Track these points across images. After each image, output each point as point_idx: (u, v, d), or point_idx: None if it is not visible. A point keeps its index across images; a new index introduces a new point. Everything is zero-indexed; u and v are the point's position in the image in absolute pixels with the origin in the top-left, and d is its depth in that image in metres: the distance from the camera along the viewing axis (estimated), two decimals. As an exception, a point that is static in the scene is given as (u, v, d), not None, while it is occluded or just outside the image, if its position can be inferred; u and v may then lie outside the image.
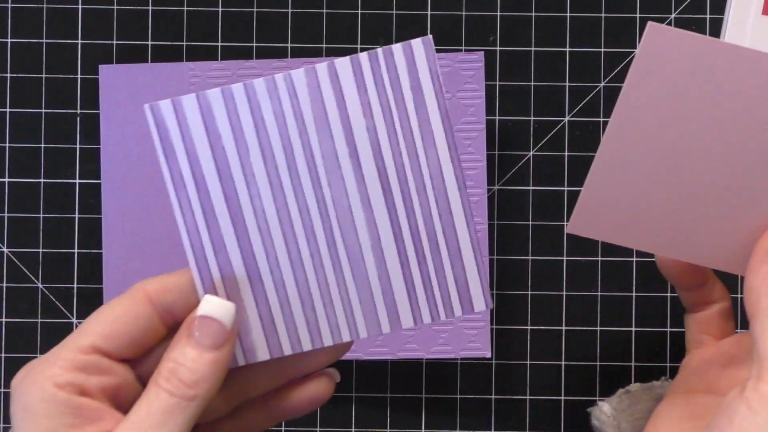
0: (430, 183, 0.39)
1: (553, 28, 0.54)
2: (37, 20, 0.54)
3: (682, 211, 0.41)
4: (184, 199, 0.38)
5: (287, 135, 0.38)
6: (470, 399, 0.54)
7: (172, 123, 0.38)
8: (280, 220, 0.39)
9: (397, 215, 0.39)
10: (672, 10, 0.54)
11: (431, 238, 0.39)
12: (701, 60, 0.38)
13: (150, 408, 0.37)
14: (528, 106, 0.54)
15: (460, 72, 0.53)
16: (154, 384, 0.37)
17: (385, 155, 0.38)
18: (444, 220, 0.39)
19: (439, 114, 0.38)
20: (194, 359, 0.37)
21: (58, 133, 0.54)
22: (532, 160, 0.54)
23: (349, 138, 0.38)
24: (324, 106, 0.38)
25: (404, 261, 0.39)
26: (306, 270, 0.39)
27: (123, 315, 0.38)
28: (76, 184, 0.54)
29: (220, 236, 0.39)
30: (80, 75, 0.54)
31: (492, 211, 0.54)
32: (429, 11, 0.54)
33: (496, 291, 0.54)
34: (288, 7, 0.54)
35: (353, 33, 0.54)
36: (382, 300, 0.39)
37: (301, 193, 0.38)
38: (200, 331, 0.38)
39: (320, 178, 0.38)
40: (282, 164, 0.38)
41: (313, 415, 0.54)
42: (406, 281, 0.39)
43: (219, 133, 0.38)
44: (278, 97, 0.38)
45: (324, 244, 0.39)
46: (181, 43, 0.54)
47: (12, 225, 0.54)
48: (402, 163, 0.38)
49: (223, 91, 0.38)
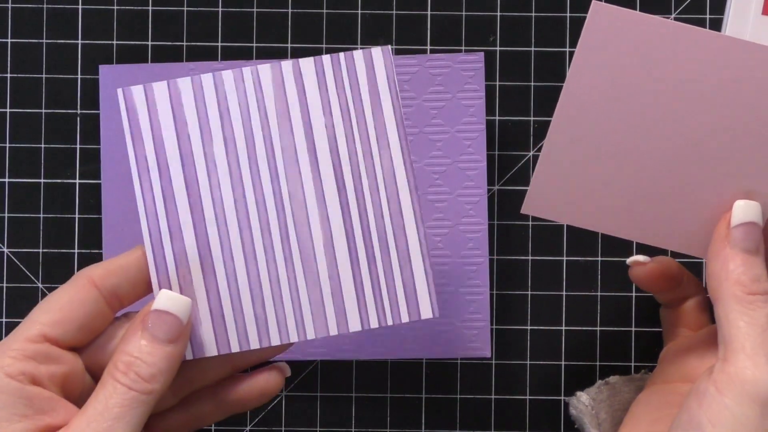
0: (383, 184, 0.40)
1: (553, 28, 0.54)
2: (37, 20, 0.54)
3: (636, 192, 0.40)
4: (147, 183, 0.39)
5: (250, 126, 0.39)
6: (470, 399, 0.54)
7: (142, 108, 0.39)
8: (237, 210, 0.39)
9: (350, 212, 0.40)
10: (672, 10, 0.54)
11: (381, 238, 0.40)
12: (645, 38, 0.38)
13: (108, 402, 0.37)
14: (528, 106, 0.54)
15: (460, 72, 0.53)
16: (111, 377, 0.37)
17: (341, 153, 0.40)
18: (395, 222, 0.40)
19: (395, 119, 0.40)
20: (151, 353, 0.38)
21: (58, 133, 0.54)
22: (532, 160, 0.54)
23: (309, 134, 0.39)
24: (287, 101, 0.39)
25: (354, 260, 0.40)
26: (258, 264, 0.40)
27: (69, 301, 0.39)
28: (76, 184, 0.54)
29: (177, 223, 0.39)
30: (80, 75, 0.54)
31: (492, 211, 0.54)
32: (429, 11, 0.54)
33: (496, 291, 0.54)
34: (288, 7, 0.54)
35: (353, 33, 0.54)
36: (332, 301, 0.40)
37: (259, 185, 0.39)
38: (156, 325, 0.38)
39: (278, 171, 0.39)
40: (243, 155, 0.39)
41: (313, 415, 0.54)
42: (356, 282, 0.40)
43: (185, 121, 0.39)
44: (244, 90, 0.39)
45: (278, 238, 0.40)
46: (181, 43, 0.54)
47: (12, 225, 0.54)
48: (357, 162, 0.40)
49: (193, 79, 0.39)
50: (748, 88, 0.38)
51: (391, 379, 0.54)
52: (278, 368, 0.43)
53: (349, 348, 0.53)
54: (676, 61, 0.38)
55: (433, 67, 0.53)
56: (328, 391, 0.54)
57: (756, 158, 0.39)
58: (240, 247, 0.40)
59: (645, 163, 0.40)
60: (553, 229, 0.54)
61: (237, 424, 0.54)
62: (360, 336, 0.53)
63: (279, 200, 0.39)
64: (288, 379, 0.54)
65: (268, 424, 0.54)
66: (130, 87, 0.39)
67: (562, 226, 0.54)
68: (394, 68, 0.40)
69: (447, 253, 0.53)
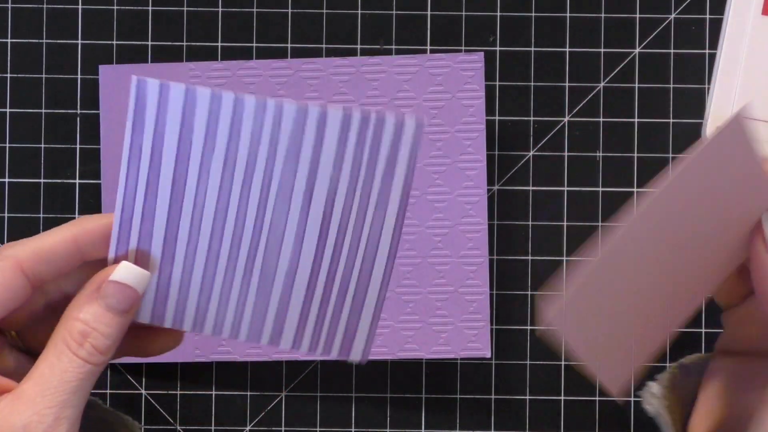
0: (364, 245, 0.40)
1: (553, 28, 0.54)
2: (37, 20, 0.54)
3: (651, 314, 0.38)
4: (134, 171, 0.39)
5: (255, 153, 0.39)
6: (470, 399, 0.54)
7: (152, 102, 0.39)
8: (215, 219, 0.39)
9: (322, 255, 0.40)
10: (672, 10, 0.54)
11: (342, 289, 0.40)
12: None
13: (64, 375, 0.37)
14: (528, 106, 0.54)
15: (460, 72, 0.53)
16: (67, 347, 0.37)
17: (336, 204, 0.39)
18: (361, 279, 0.40)
19: (401, 190, 0.39)
20: (107, 324, 0.37)
21: (58, 133, 0.54)
22: (532, 160, 0.54)
23: (311, 178, 0.39)
24: (301, 144, 0.39)
25: (311, 290, 0.40)
26: (218, 266, 0.40)
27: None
28: (76, 184, 0.54)
29: (153, 210, 0.39)
30: (80, 75, 0.54)
31: (492, 211, 0.54)
32: (429, 11, 0.54)
33: (496, 291, 0.54)
34: (288, 7, 0.54)
35: (353, 33, 0.54)
36: (274, 315, 0.40)
37: (244, 206, 0.39)
38: (114, 297, 0.38)
39: (268, 201, 0.39)
40: (239, 176, 0.39)
41: (313, 415, 0.54)
42: (303, 307, 0.40)
43: (192, 128, 0.39)
44: (262, 121, 0.38)
45: (244, 252, 0.40)
46: (181, 43, 0.54)
47: (12, 225, 0.54)
48: (348, 216, 0.39)
49: (213, 94, 0.38)
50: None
51: (391, 379, 0.54)
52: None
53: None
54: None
55: (433, 67, 0.53)
56: (328, 391, 0.54)
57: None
58: (205, 248, 0.40)
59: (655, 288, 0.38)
60: (553, 229, 0.54)
61: (237, 424, 0.54)
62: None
63: (259, 225, 0.39)
64: (288, 379, 0.54)
65: (268, 424, 0.54)
66: (146, 79, 0.38)
67: (562, 225, 0.54)
68: (420, 142, 0.39)
69: (447, 253, 0.53)
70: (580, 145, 0.54)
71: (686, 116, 0.54)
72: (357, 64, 0.53)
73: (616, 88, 0.54)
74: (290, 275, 0.40)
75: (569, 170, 0.54)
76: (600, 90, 0.54)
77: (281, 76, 0.53)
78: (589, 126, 0.54)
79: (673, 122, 0.54)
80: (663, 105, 0.54)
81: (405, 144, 0.39)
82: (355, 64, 0.53)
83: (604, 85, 0.54)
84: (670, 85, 0.54)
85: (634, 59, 0.54)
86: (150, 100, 0.38)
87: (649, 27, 0.54)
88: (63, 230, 0.39)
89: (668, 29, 0.54)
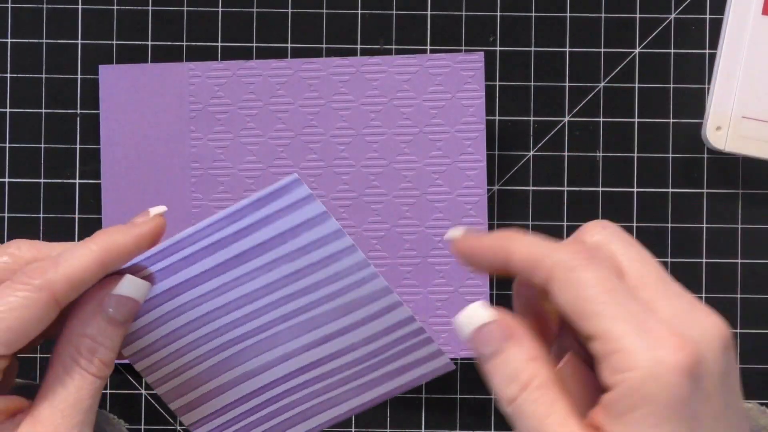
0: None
1: (553, 28, 0.54)
2: (37, 20, 0.54)
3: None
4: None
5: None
6: (470, 399, 0.54)
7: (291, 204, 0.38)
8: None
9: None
10: (672, 10, 0.54)
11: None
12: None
13: (79, 393, 0.37)
14: (528, 106, 0.54)
15: (460, 72, 0.53)
16: (77, 366, 0.37)
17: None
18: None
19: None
20: (111, 337, 0.37)
21: (58, 133, 0.54)
22: (532, 160, 0.54)
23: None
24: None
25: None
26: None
27: (28, 321, 0.36)
28: (76, 184, 0.54)
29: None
30: (80, 75, 0.54)
31: (492, 211, 0.54)
32: (429, 11, 0.54)
33: (496, 291, 0.54)
34: (288, 7, 0.54)
35: (353, 33, 0.54)
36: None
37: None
38: (117, 309, 0.37)
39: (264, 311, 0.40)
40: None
41: (313, 415, 0.54)
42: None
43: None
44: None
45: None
46: (181, 43, 0.54)
47: (12, 225, 0.54)
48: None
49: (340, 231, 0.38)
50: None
51: (391, 379, 0.54)
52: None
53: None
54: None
55: (433, 67, 0.53)
56: (328, 391, 0.54)
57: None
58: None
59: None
60: (553, 229, 0.54)
61: (237, 424, 0.54)
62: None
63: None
64: (288, 379, 0.54)
65: (268, 424, 0.54)
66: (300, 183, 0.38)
67: (562, 226, 0.54)
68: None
69: (447, 253, 0.53)
70: (580, 145, 0.54)
71: (686, 116, 0.54)
72: (357, 64, 0.53)
73: (616, 88, 0.54)
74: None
75: (569, 170, 0.54)
76: (600, 90, 0.54)
77: (281, 76, 0.53)
78: (589, 126, 0.54)
79: (673, 122, 0.54)
80: (663, 105, 0.54)
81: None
82: (355, 64, 0.53)
83: (604, 85, 0.54)
84: (670, 85, 0.54)
85: (634, 59, 0.54)
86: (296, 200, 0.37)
87: (649, 27, 0.54)
88: (89, 251, 0.37)
89: (668, 29, 0.54)
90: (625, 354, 0.30)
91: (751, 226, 0.54)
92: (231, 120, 0.54)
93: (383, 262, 0.53)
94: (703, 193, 0.54)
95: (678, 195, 0.54)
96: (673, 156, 0.54)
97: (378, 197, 0.53)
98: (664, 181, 0.54)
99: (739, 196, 0.54)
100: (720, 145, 0.52)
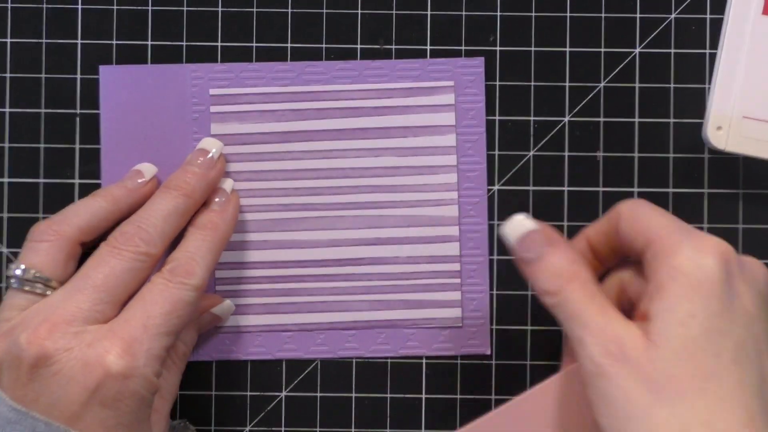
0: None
1: (553, 28, 0.54)
2: (37, 20, 0.54)
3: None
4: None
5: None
6: (470, 399, 0.54)
7: None
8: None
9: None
10: (672, 10, 0.54)
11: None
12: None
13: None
14: (528, 106, 0.54)
15: (460, 77, 0.53)
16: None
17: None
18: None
19: None
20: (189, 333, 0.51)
21: (58, 133, 0.54)
22: (532, 160, 0.54)
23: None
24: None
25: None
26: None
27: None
28: (76, 184, 0.54)
29: None
30: (80, 75, 0.54)
31: (492, 211, 0.54)
32: (429, 11, 0.54)
33: (496, 291, 0.54)
34: (288, 7, 0.54)
35: (353, 33, 0.54)
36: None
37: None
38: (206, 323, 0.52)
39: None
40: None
41: (313, 415, 0.54)
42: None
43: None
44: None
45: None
46: (181, 43, 0.54)
47: (12, 225, 0.54)
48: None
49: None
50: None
51: (391, 379, 0.54)
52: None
53: (350, 346, 0.53)
54: None
55: (434, 71, 0.53)
56: (328, 391, 0.54)
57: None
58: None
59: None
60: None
61: (237, 424, 0.54)
62: (361, 334, 0.53)
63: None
64: (288, 379, 0.54)
65: (268, 424, 0.54)
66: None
67: (562, 226, 0.54)
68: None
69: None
70: (580, 145, 0.54)
71: (686, 116, 0.54)
72: (359, 68, 0.53)
73: (616, 88, 0.54)
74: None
75: (569, 170, 0.54)
76: (600, 90, 0.54)
77: (283, 79, 0.53)
78: (589, 126, 0.54)
79: (673, 122, 0.54)
80: (663, 105, 0.54)
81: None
82: (358, 68, 0.53)
83: (604, 85, 0.54)
84: (670, 85, 0.54)
85: (634, 59, 0.54)
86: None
87: (649, 27, 0.54)
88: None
89: (668, 29, 0.54)
90: (674, 247, 0.38)
91: (752, 227, 0.54)
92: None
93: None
94: (704, 193, 0.54)
95: (678, 195, 0.54)
96: (673, 156, 0.54)
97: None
98: (665, 181, 0.54)
99: (739, 197, 0.54)
100: (721, 145, 0.52)
